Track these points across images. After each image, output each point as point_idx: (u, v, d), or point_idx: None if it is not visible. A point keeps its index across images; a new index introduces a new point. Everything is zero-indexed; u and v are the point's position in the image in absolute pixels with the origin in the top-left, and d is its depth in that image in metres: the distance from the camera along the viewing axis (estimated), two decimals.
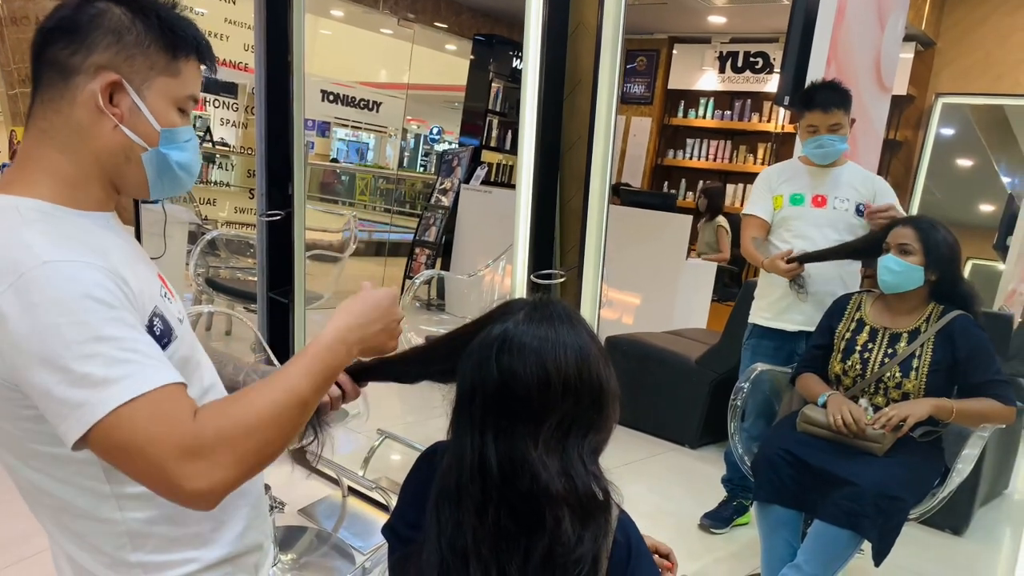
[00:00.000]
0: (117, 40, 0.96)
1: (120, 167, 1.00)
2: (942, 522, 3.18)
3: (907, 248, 2.26)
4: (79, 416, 0.84)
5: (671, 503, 3.34)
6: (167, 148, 1.02)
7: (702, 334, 4.60)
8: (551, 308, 1.02)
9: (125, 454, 0.85)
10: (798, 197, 2.75)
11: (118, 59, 0.96)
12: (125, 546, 0.98)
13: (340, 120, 8.38)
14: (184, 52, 1.01)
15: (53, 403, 0.85)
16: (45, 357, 0.84)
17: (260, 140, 3.00)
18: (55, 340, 0.84)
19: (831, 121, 2.63)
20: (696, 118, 7.76)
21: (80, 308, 0.85)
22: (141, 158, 1.00)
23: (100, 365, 0.84)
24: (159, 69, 0.99)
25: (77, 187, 0.98)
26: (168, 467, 0.84)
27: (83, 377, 0.84)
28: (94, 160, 0.99)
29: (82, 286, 0.86)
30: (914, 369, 2.23)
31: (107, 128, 0.97)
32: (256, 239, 3.17)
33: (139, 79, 0.98)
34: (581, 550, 0.93)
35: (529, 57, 2.20)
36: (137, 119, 0.99)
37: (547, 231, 2.38)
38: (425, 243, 6.64)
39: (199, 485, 0.85)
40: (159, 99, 1.00)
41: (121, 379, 0.85)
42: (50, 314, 0.84)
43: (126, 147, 0.99)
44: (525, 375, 0.96)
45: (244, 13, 5.88)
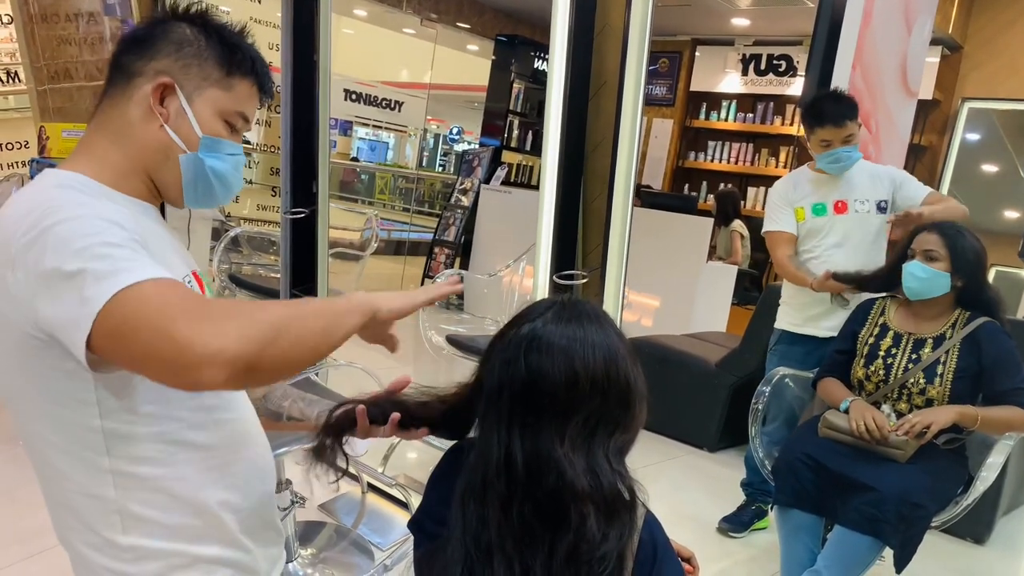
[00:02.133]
0: (178, 50, 1.06)
1: (160, 165, 1.06)
2: (964, 531, 3.15)
3: (933, 254, 2.25)
4: (89, 310, 0.84)
5: (689, 506, 3.33)
6: (206, 155, 1.07)
7: (722, 337, 4.58)
8: (579, 307, 1.02)
9: (131, 328, 0.83)
10: (820, 207, 2.73)
11: (175, 66, 1.05)
12: (115, 525, 0.99)
13: (362, 119, 8.41)
14: (239, 71, 1.09)
15: (66, 308, 0.85)
16: (58, 267, 0.86)
17: (285, 138, 3.03)
18: (67, 248, 0.86)
19: (845, 134, 2.62)
20: (718, 120, 7.72)
21: (94, 225, 0.89)
22: (179, 160, 1.06)
23: (107, 263, 0.86)
24: (212, 81, 1.07)
25: (123, 175, 1.04)
26: (175, 328, 0.82)
27: (90, 272, 0.85)
28: (138, 154, 1.05)
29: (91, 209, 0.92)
30: (939, 375, 2.21)
31: (154, 126, 1.05)
32: (280, 236, 3.20)
33: (191, 86, 1.06)
34: (606, 547, 0.94)
35: (555, 58, 2.21)
36: (182, 122, 1.06)
37: (570, 232, 2.39)
38: (445, 242, 6.65)
39: (212, 342, 0.81)
40: (207, 108, 1.07)
41: (126, 271, 0.86)
42: (63, 231, 0.87)
43: (167, 146, 1.06)
44: (553, 373, 0.96)
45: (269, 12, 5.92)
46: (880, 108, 3.65)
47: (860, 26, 3.31)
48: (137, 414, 0.97)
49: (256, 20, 6.01)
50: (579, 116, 2.27)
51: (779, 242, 2.81)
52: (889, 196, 2.71)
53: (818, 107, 2.68)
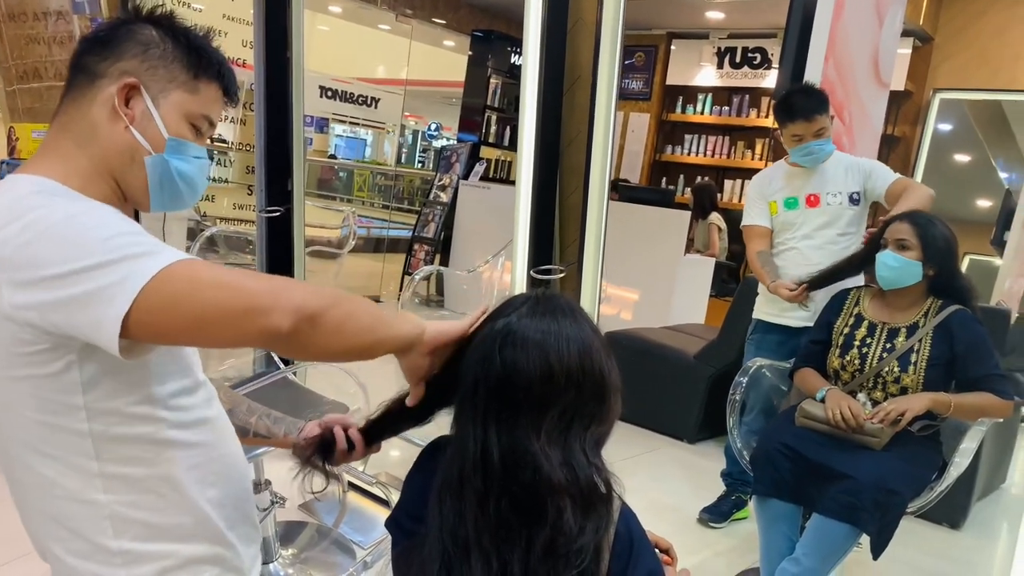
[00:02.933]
0: (143, 51, 1.05)
1: (125, 168, 1.05)
2: (940, 516, 3.20)
3: (905, 243, 2.27)
4: (126, 288, 0.85)
5: (670, 497, 3.35)
6: (172, 156, 1.06)
7: (700, 329, 4.61)
8: (554, 301, 1.03)
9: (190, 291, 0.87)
10: (792, 201, 2.77)
11: (140, 68, 1.04)
12: (107, 530, 0.99)
13: (338, 116, 8.37)
14: (206, 74, 1.08)
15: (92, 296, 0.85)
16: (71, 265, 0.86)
17: (259, 136, 3.00)
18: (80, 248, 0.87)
19: (816, 128, 2.65)
20: (694, 114, 7.76)
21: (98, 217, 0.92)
22: (145, 162, 1.05)
23: (135, 247, 0.88)
24: (178, 83, 1.06)
25: (89, 180, 1.03)
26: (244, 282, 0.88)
27: (120, 259, 0.86)
28: (103, 157, 1.04)
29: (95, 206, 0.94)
30: (912, 364, 2.24)
31: (119, 128, 1.03)
32: (256, 235, 3.18)
33: (156, 88, 1.05)
34: (583, 540, 0.94)
35: (529, 53, 2.21)
36: (147, 124, 1.05)
37: (547, 227, 2.39)
38: (424, 239, 6.64)
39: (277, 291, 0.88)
40: (172, 110, 1.06)
41: (164, 251, 0.88)
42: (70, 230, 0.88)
43: (133, 148, 1.04)
44: (528, 368, 0.96)
45: (242, 9, 5.88)
46: (853, 99, 3.69)
47: (832, 18, 3.34)
48: (123, 415, 0.98)
49: (229, 17, 5.96)
50: (554, 111, 2.27)
51: (751, 236, 2.86)
52: (861, 187, 2.74)
53: (788, 102, 2.71)
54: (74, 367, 0.93)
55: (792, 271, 2.70)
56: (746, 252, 2.94)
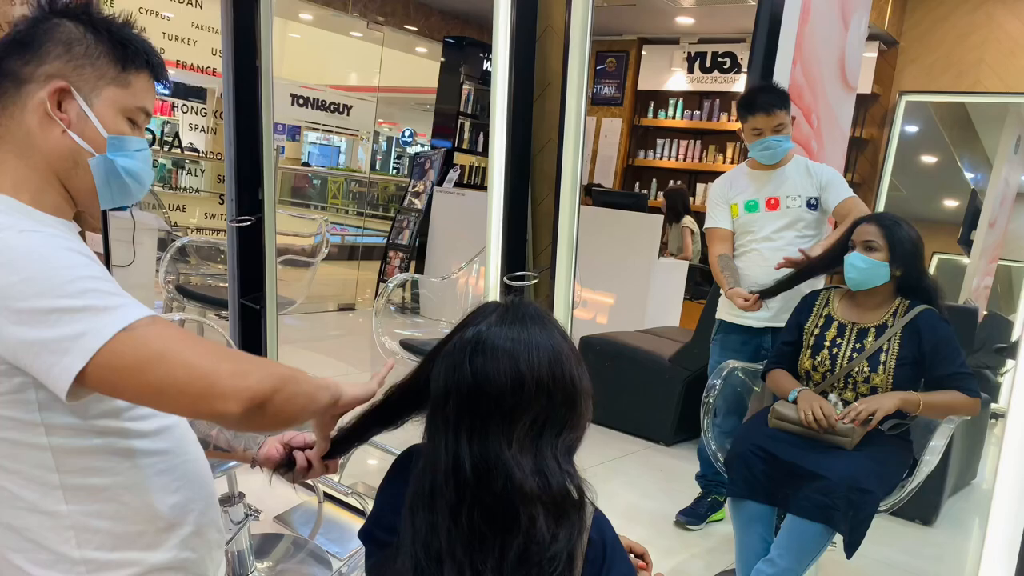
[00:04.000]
0: (67, 51, 1.01)
1: (69, 172, 1.04)
2: (912, 513, 3.24)
3: (872, 244, 2.30)
4: (83, 345, 0.85)
5: (647, 501, 3.36)
6: (114, 155, 1.05)
7: (675, 332, 4.64)
8: (523, 309, 1.03)
9: (155, 362, 0.87)
10: (752, 203, 2.81)
11: (67, 68, 1.01)
12: (70, 540, 0.98)
13: (311, 124, 8.32)
14: (134, 65, 1.06)
15: (46, 345, 0.85)
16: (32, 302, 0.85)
17: (229, 145, 2.98)
18: (43, 283, 0.86)
19: (775, 122, 2.70)
20: (666, 118, 7.81)
21: (66, 257, 0.90)
22: (89, 164, 1.04)
23: (95, 298, 0.87)
24: (108, 79, 1.04)
25: (39, 190, 1.01)
26: (204, 363, 0.88)
27: (79, 309, 0.85)
28: (46, 165, 1.02)
29: (64, 241, 0.92)
30: (882, 363, 2.27)
31: (56, 133, 1.01)
32: (226, 245, 3.15)
33: (88, 87, 1.03)
34: (556, 548, 0.94)
35: (498, 60, 2.21)
36: (85, 125, 1.03)
37: (519, 233, 2.40)
38: (399, 246, 6.62)
39: (239, 382, 0.88)
40: (107, 108, 1.04)
41: (121, 307, 0.87)
42: (34, 264, 0.87)
43: (74, 152, 1.03)
44: (498, 377, 0.96)
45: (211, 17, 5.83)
46: (821, 102, 3.73)
47: (799, 23, 3.39)
48: (82, 429, 0.97)
49: (198, 26, 5.91)
50: (524, 118, 2.28)
51: (713, 239, 2.90)
52: (819, 193, 2.78)
53: (749, 97, 2.79)
54: (29, 388, 0.92)
55: (753, 273, 2.74)
56: (708, 255, 2.97)
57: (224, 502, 2.15)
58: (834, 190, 2.77)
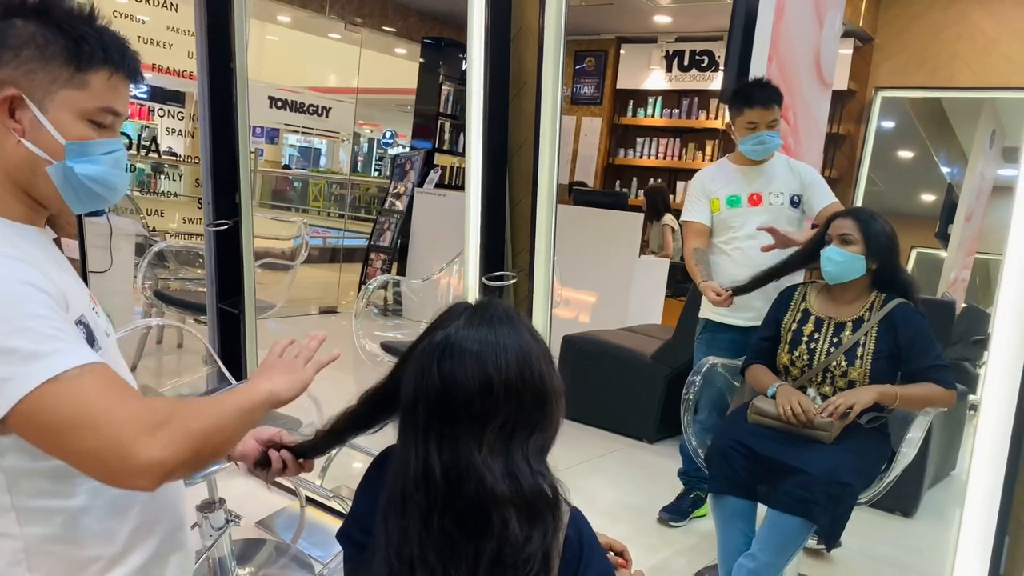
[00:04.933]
0: (15, 55, 0.96)
1: (30, 181, 1.00)
2: (892, 505, 3.26)
3: (848, 238, 2.32)
4: (5, 392, 0.82)
5: (630, 498, 3.37)
6: (74, 161, 1.00)
7: (657, 330, 4.65)
8: (491, 310, 1.02)
9: (68, 427, 0.83)
10: (735, 199, 2.80)
11: (17, 74, 0.96)
12: (20, 563, 0.95)
13: (290, 126, 8.28)
14: (90, 64, 0.99)
15: None
16: None
17: (205, 149, 2.96)
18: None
19: (771, 117, 2.71)
20: (645, 117, 7.84)
21: (8, 289, 0.86)
22: (48, 172, 0.99)
23: (29, 340, 0.83)
24: (62, 82, 0.98)
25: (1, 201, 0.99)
26: (124, 436, 0.83)
27: (10, 351, 0.82)
28: (5, 175, 0.99)
29: (10, 271, 0.87)
30: (859, 357, 2.29)
31: (11, 143, 0.98)
32: (204, 249, 3.12)
33: (40, 93, 0.97)
34: (530, 549, 0.94)
35: (473, 61, 2.21)
36: (39, 133, 0.98)
37: (498, 233, 2.40)
38: (380, 248, 6.60)
39: (153, 454, 0.85)
40: (63, 112, 0.99)
41: (53, 353, 0.84)
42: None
43: (31, 161, 0.99)
44: (466, 380, 0.96)
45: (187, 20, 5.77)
46: (798, 99, 3.76)
47: (774, 20, 3.40)
48: (33, 452, 0.92)
49: (173, 29, 5.87)
50: (500, 118, 2.28)
51: (689, 232, 2.88)
52: (801, 192, 2.78)
53: (746, 91, 2.77)
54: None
55: (735, 271, 2.73)
56: (683, 248, 2.96)
57: (205, 508, 2.13)
58: (818, 192, 2.77)
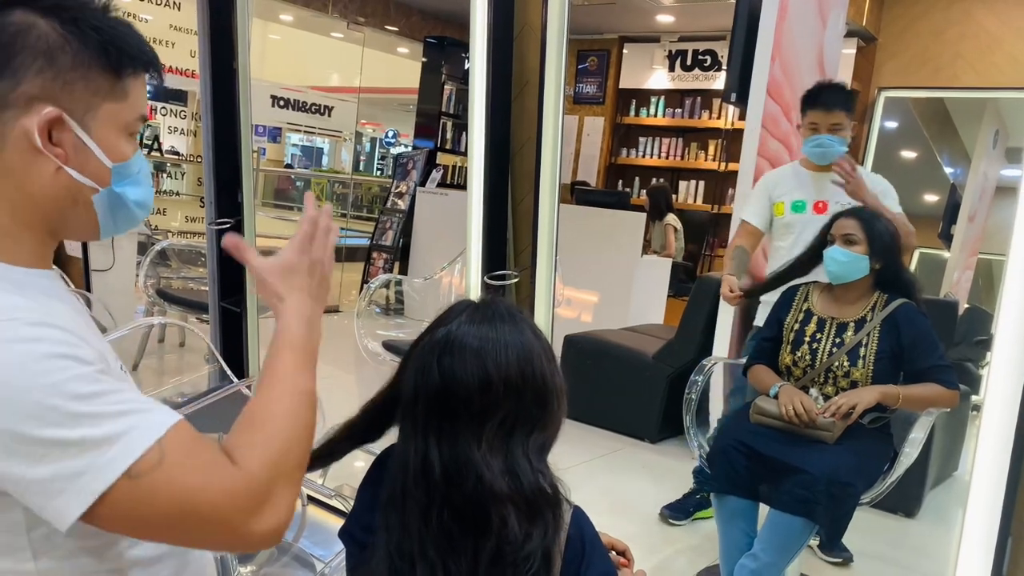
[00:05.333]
0: (50, 63, 0.80)
1: (66, 214, 0.86)
2: (895, 505, 3.26)
3: (851, 238, 2.31)
4: (81, 487, 0.71)
5: (633, 497, 3.37)
6: (121, 186, 0.87)
7: (659, 329, 4.65)
8: (493, 307, 1.02)
9: (165, 521, 0.74)
10: (800, 204, 2.76)
11: (54, 87, 0.81)
12: None
13: (292, 125, 8.29)
14: (131, 70, 0.86)
15: (36, 484, 0.71)
16: (15, 434, 0.70)
17: (207, 148, 2.96)
18: (27, 410, 0.70)
19: (832, 120, 2.66)
20: (648, 116, 7.83)
21: (51, 368, 0.72)
22: (91, 200, 0.86)
23: (93, 424, 0.71)
24: (103, 94, 0.84)
25: (13, 239, 0.83)
26: (234, 520, 0.76)
27: (79, 442, 0.70)
28: (33, 208, 0.84)
29: (43, 345, 0.73)
30: (861, 358, 2.28)
31: (48, 171, 0.82)
32: (206, 248, 3.12)
33: (81, 108, 0.83)
34: (530, 547, 0.94)
35: (476, 59, 2.21)
36: (85, 157, 0.84)
37: (500, 232, 2.39)
38: (382, 247, 6.60)
39: (269, 526, 0.79)
40: (107, 129, 0.85)
41: (126, 432, 0.72)
42: (12, 382, 0.70)
43: (73, 191, 0.84)
44: (466, 377, 0.96)
45: (190, 19, 5.78)
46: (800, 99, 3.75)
47: (777, 20, 3.40)
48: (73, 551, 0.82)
49: (176, 28, 5.88)
50: (503, 117, 2.28)
51: (741, 231, 2.84)
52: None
53: (813, 92, 2.73)
54: (16, 507, 0.77)
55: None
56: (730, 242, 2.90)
57: None
58: (886, 202, 2.70)
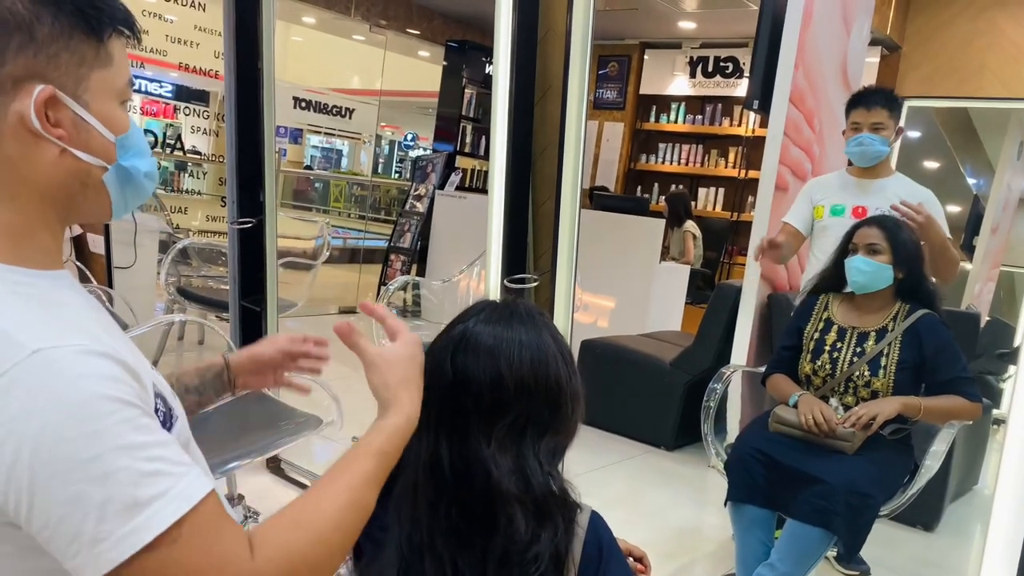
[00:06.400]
0: (29, 38, 0.73)
1: (75, 198, 0.80)
2: (914, 518, 3.22)
3: (876, 248, 2.30)
4: (98, 554, 0.67)
5: (648, 505, 3.35)
6: (128, 159, 0.81)
7: (676, 336, 4.63)
8: (512, 307, 1.02)
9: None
10: (839, 208, 2.77)
11: (38, 63, 0.74)
12: None
13: (313, 127, 8.34)
14: (111, 30, 0.78)
15: (60, 536, 0.67)
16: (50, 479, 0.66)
17: (230, 148, 2.98)
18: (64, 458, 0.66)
19: (873, 119, 2.66)
20: (668, 123, 7.82)
21: (92, 413, 0.67)
22: (101, 180, 0.80)
23: (124, 484, 0.67)
24: (90, 62, 0.77)
25: (22, 239, 0.77)
26: None
27: (104, 503, 0.67)
28: (39, 200, 0.77)
29: (87, 381, 0.68)
30: (882, 367, 2.26)
31: (50, 155, 0.76)
32: (227, 247, 3.15)
33: (72, 83, 0.76)
34: (537, 548, 0.94)
35: (500, 63, 2.21)
36: (86, 134, 0.77)
37: (520, 235, 2.40)
38: (400, 249, 6.62)
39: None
40: (102, 101, 0.78)
41: (154, 500, 0.68)
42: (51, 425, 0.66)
43: (80, 173, 0.78)
44: (478, 374, 0.96)
45: (214, 20, 5.84)
46: (823, 107, 3.73)
47: (800, 27, 3.39)
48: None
49: (200, 28, 5.94)
50: (525, 121, 2.28)
51: (780, 231, 2.86)
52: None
53: (855, 95, 2.75)
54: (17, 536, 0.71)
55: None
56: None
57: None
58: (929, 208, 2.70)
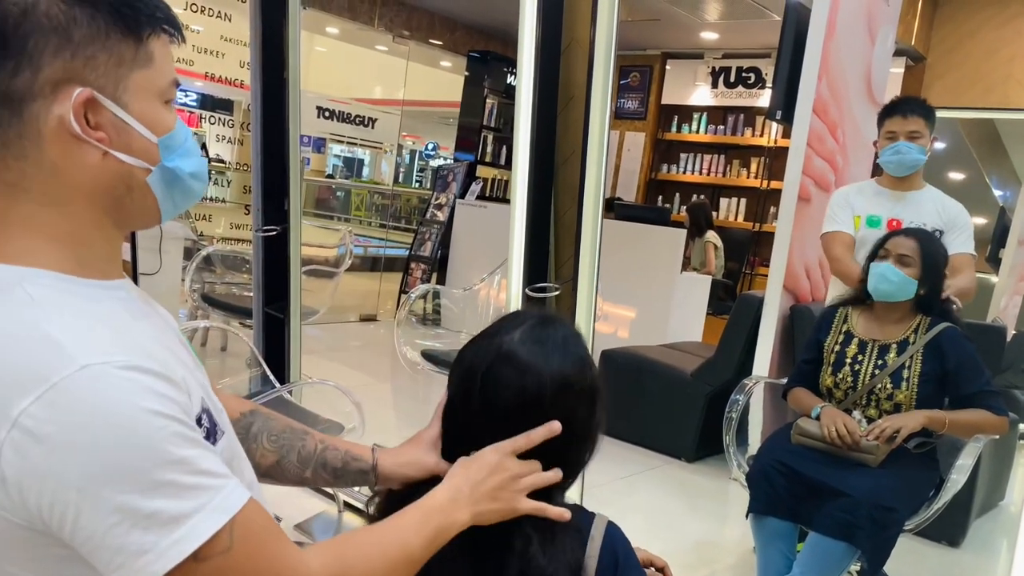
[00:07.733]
0: (66, 40, 0.72)
1: (121, 203, 0.79)
2: (938, 534, 3.18)
3: (907, 260, 2.27)
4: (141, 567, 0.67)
5: (667, 516, 3.33)
6: (172, 159, 0.80)
7: (697, 347, 4.61)
8: (549, 330, 1.01)
9: None
10: (875, 219, 2.75)
11: (76, 65, 0.73)
12: None
13: (336, 136, 8.41)
14: (151, 30, 0.77)
15: (104, 548, 0.68)
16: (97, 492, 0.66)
17: (256, 156, 3.02)
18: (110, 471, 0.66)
19: (909, 127, 2.65)
20: (689, 133, 7.80)
21: (138, 428, 0.68)
22: (147, 183, 0.79)
23: (169, 497, 0.68)
24: (129, 62, 0.76)
25: (79, 248, 0.77)
26: None
27: (150, 516, 0.67)
28: (88, 205, 0.77)
29: (135, 396, 0.68)
30: (905, 380, 2.24)
31: (93, 159, 0.75)
32: (252, 255, 3.18)
33: (111, 84, 0.75)
34: (554, 567, 0.95)
35: (523, 73, 2.22)
36: (127, 136, 0.77)
37: (542, 244, 2.40)
38: (421, 258, 6.65)
39: None
40: (143, 101, 0.77)
41: (197, 511, 0.69)
42: (99, 437, 0.66)
43: (125, 176, 0.77)
44: (503, 396, 0.97)
45: (240, 30, 5.92)
46: (847, 117, 3.71)
47: (824, 38, 3.37)
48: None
49: (226, 39, 6.01)
50: (548, 130, 2.29)
51: (835, 242, 2.80)
52: (943, 229, 2.71)
53: (891, 102, 2.74)
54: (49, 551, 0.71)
55: None
56: (828, 259, 2.83)
57: None
58: (958, 236, 2.67)
